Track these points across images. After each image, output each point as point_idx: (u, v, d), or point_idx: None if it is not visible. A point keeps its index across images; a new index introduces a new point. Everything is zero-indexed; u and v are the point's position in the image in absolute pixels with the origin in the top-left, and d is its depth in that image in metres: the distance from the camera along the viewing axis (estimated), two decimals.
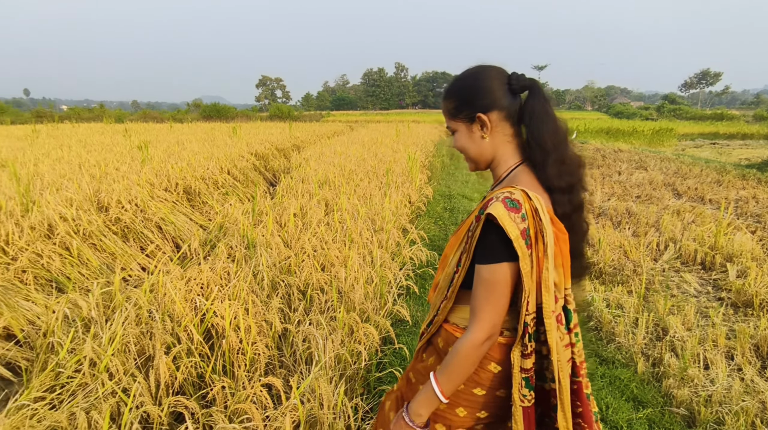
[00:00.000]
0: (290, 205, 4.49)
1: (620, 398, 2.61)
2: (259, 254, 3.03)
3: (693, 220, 6.53)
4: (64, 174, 6.55)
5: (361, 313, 2.70)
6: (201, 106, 49.55)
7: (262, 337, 2.30)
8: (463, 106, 1.16)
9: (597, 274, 4.63)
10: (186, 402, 1.80)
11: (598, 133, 26.13)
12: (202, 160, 7.87)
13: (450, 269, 1.20)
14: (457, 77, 1.20)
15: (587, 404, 1.16)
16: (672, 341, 3.27)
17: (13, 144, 11.75)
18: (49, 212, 4.35)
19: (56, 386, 2.02)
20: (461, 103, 1.17)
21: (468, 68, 1.19)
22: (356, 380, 2.34)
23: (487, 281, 1.06)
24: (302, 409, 1.77)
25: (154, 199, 5.86)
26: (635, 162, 13.13)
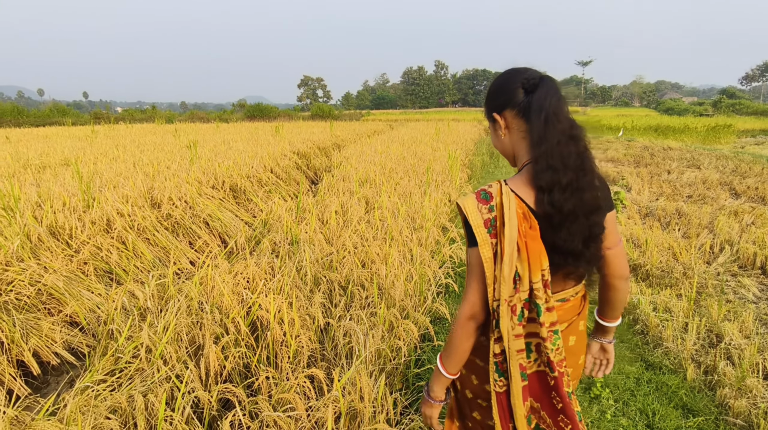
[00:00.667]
0: (332, 203, 4.58)
1: (668, 405, 2.52)
2: (302, 250, 3.11)
3: (752, 221, 6.17)
4: (120, 172, 6.93)
5: (401, 309, 2.73)
6: (245, 107, 51.00)
7: (305, 330, 2.37)
8: (488, 108, 1.25)
9: (643, 276, 4.46)
10: (234, 389, 1.89)
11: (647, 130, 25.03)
12: (247, 159, 8.12)
13: None
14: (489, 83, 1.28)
15: (568, 401, 1.17)
16: (728, 348, 3.12)
17: (74, 144, 12.53)
18: (107, 208, 4.63)
19: (115, 370, 2.17)
20: (487, 104, 1.26)
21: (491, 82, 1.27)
22: (395, 375, 2.37)
23: (467, 263, 1.17)
24: (343, 401, 1.82)
25: (202, 196, 6.11)
26: (686, 160, 12.51)
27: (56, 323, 3.07)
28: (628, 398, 2.57)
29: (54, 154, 9.86)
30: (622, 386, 2.67)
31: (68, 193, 5.18)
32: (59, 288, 3.45)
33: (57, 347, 2.95)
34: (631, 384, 2.70)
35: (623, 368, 2.87)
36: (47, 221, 4.29)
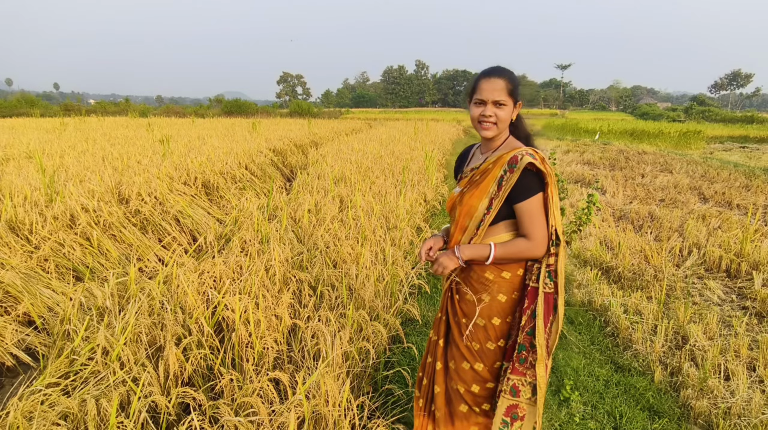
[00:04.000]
0: (305, 201, 4.50)
1: (635, 408, 2.54)
2: (272, 249, 3.04)
3: (719, 225, 6.33)
4: (88, 166, 6.70)
5: (371, 311, 2.69)
6: (223, 102, 50.14)
7: (271, 331, 2.30)
8: (515, 91, 1.61)
9: (615, 278, 4.52)
10: (193, 394, 1.81)
11: (622, 134, 25.56)
12: (221, 155, 7.96)
13: (479, 213, 1.61)
14: (508, 69, 1.63)
15: None
16: (692, 350, 3.17)
17: (41, 136, 12.08)
18: (71, 203, 4.45)
19: (70, 373, 2.06)
20: (515, 88, 1.60)
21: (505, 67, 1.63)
22: (363, 378, 2.33)
23: (532, 208, 1.55)
24: (307, 405, 1.77)
25: (173, 192, 5.95)
26: (660, 165, 12.81)
27: (9, 322, 2.92)
28: (597, 400, 2.58)
29: (19, 146, 9.49)
30: (592, 389, 2.68)
31: (31, 187, 4.97)
32: (16, 285, 3.30)
33: (11, 348, 2.81)
34: (600, 387, 2.72)
35: (593, 371, 2.89)
36: (6, 216, 4.10)
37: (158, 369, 1.94)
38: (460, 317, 1.71)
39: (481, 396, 1.70)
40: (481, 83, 1.60)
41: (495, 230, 1.63)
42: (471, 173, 1.71)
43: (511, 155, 1.57)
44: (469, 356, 1.69)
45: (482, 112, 1.60)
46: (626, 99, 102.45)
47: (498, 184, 1.58)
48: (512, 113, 1.63)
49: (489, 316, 1.65)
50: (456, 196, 1.74)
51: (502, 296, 1.64)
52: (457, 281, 1.72)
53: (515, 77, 1.62)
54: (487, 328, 1.66)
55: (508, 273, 1.63)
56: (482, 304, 1.65)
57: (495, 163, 1.61)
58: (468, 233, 1.65)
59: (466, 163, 1.84)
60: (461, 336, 1.70)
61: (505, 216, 1.61)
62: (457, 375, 1.71)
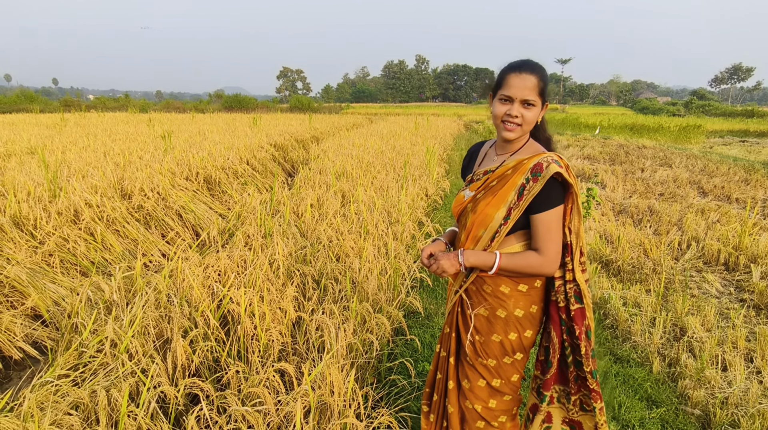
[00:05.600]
0: (307, 196, 4.54)
1: (633, 397, 2.59)
2: (275, 243, 3.07)
3: (718, 219, 6.37)
4: (90, 162, 6.72)
5: (374, 303, 2.73)
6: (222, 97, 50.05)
7: (276, 324, 2.34)
8: (545, 90, 1.49)
9: (615, 271, 4.57)
10: (201, 384, 1.85)
11: (622, 128, 25.55)
12: (222, 151, 7.98)
13: (495, 223, 1.48)
14: (540, 64, 1.50)
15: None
16: (690, 341, 3.22)
17: (42, 132, 12.10)
18: (75, 199, 4.49)
19: (79, 365, 2.10)
20: (545, 87, 1.49)
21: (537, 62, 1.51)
22: (367, 369, 2.37)
23: (550, 221, 1.43)
24: (313, 395, 1.81)
25: (175, 187, 5.98)
26: (660, 159, 12.83)
27: (17, 316, 2.96)
28: None
29: (20, 142, 9.51)
30: None
31: (34, 183, 5.00)
32: (22, 280, 3.33)
33: (19, 342, 2.85)
34: (599, 377, 2.76)
35: None
36: (11, 211, 4.14)
37: (166, 361, 1.98)
38: (473, 334, 1.60)
39: (499, 409, 1.63)
40: (510, 78, 1.44)
41: (507, 241, 1.51)
42: (485, 177, 1.55)
43: (535, 161, 1.43)
44: (486, 374, 1.60)
45: (508, 110, 1.45)
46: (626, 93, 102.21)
47: (519, 193, 1.43)
48: (539, 115, 1.50)
49: (505, 331, 1.55)
50: (467, 202, 1.58)
51: (519, 311, 1.53)
52: (467, 294, 1.61)
53: (547, 75, 1.49)
54: (504, 343, 1.56)
55: (524, 286, 1.52)
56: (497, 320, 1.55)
57: (515, 169, 1.47)
58: (481, 243, 1.52)
59: (477, 163, 1.69)
60: (476, 355, 1.60)
61: (520, 226, 1.48)
62: (472, 394, 1.62)
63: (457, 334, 1.68)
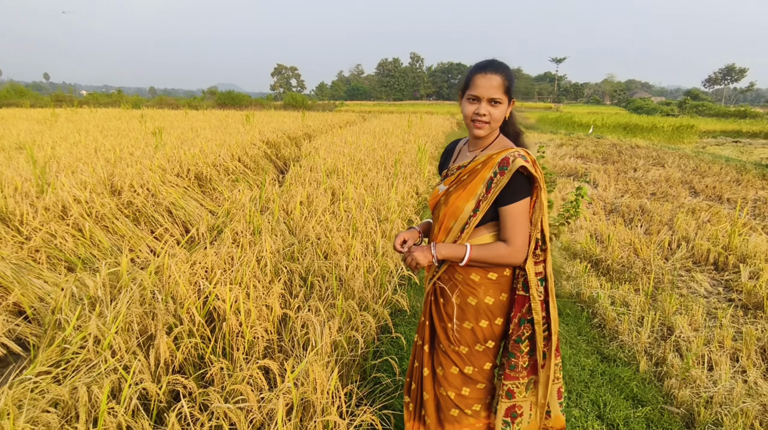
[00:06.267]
0: (297, 193, 4.52)
1: (619, 396, 2.60)
2: (263, 240, 3.06)
3: (708, 219, 6.41)
4: (80, 158, 6.66)
5: (360, 301, 2.72)
6: (216, 94, 49.78)
7: (262, 321, 2.33)
8: (511, 88, 1.54)
9: (604, 271, 4.58)
10: (184, 381, 1.84)
11: (616, 128, 25.67)
12: (214, 147, 7.93)
13: (464, 215, 1.55)
14: (505, 64, 1.55)
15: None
16: (677, 341, 3.23)
17: (32, 127, 11.97)
18: (63, 194, 4.44)
19: (62, 362, 2.08)
20: (511, 85, 1.53)
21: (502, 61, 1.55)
22: (352, 366, 2.36)
23: (516, 213, 1.50)
24: (296, 392, 1.80)
25: (166, 184, 5.94)
26: (652, 159, 12.90)
27: (0, 311, 2.93)
28: (581, 389, 2.63)
29: (9, 137, 9.41)
30: (577, 378, 2.74)
31: (21, 178, 4.95)
32: (7, 276, 3.30)
33: (1, 337, 2.82)
34: (585, 376, 2.77)
35: (579, 361, 2.94)
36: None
37: (149, 357, 1.97)
38: (446, 321, 1.66)
39: (472, 397, 1.68)
40: (476, 78, 1.51)
41: (478, 232, 1.58)
42: (458, 172, 1.62)
43: (503, 156, 1.51)
44: (458, 361, 1.65)
45: (476, 110, 1.52)
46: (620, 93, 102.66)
47: (487, 186, 1.51)
48: (506, 111, 1.56)
49: (476, 318, 1.61)
50: (440, 195, 1.67)
51: (489, 299, 1.60)
52: (440, 284, 1.67)
53: (512, 73, 1.54)
54: (475, 330, 1.62)
55: (494, 274, 1.59)
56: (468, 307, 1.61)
57: (485, 164, 1.54)
58: (452, 234, 1.59)
59: (453, 160, 1.76)
60: (449, 341, 1.66)
61: (490, 218, 1.56)
62: (446, 381, 1.68)
63: (431, 322, 1.75)
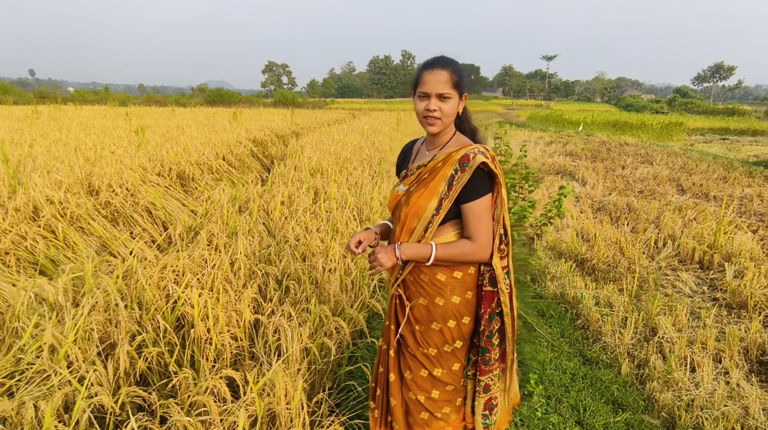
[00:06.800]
0: (278, 192, 4.42)
1: (599, 400, 2.55)
2: (238, 242, 2.96)
3: (695, 217, 6.41)
4: (58, 156, 6.50)
5: (336, 304, 2.64)
6: (205, 91, 49.31)
7: (231, 327, 2.25)
8: (461, 83, 1.52)
9: (589, 270, 4.54)
10: (141, 393, 1.75)
11: (605, 125, 25.78)
12: (198, 146, 7.80)
13: (427, 214, 1.53)
14: (453, 60, 1.54)
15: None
16: (660, 342, 3.19)
17: (12, 125, 11.71)
18: (35, 195, 4.31)
19: (16, 373, 1.98)
20: (460, 79, 1.52)
21: (448, 56, 1.55)
22: (326, 373, 2.29)
23: (479, 209, 1.49)
24: (260, 403, 1.72)
25: (146, 183, 5.81)
26: (641, 156, 12.94)
27: None
28: (562, 394, 2.58)
29: None
30: (558, 382, 2.68)
31: None
32: None
33: None
34: (566, 380, 2.72)
35: (561, 364, 2.89)
36: None
37: (107, 368, 1.87)
38: (413, 324, 1.63)
39: (442, 400, 1.66)
40: (424, 75, 1.51)
41: (442, 231, 1.56)
42: (418, 171, 1.60)
43: (462, 153, 1.50)
44: (427, 363, 1.63)
45: (426, 106, 1.51)
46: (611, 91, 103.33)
47: (448, 184, 1.50)
48: (458, 106, 1.55)
49: (444, 319, 1.59)
50: (401, 195, 1.64)
51: (456, 298, 1.58)
52: (405, 285, 1.64)
53: (460, 68, 1.54)
54: (443, 331, 1.60)
55: (459, 272, 1.57)
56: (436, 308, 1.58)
57: (445, 162, 1.53)
58: (415, 234, 1.57)
59: (411, 160, 1.74)
60: (417, 344, 1.63)
61: (453, 216, 1.55)
62: (415, 385, 1.65)
63: (397, 326, 1.69)
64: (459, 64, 1.55)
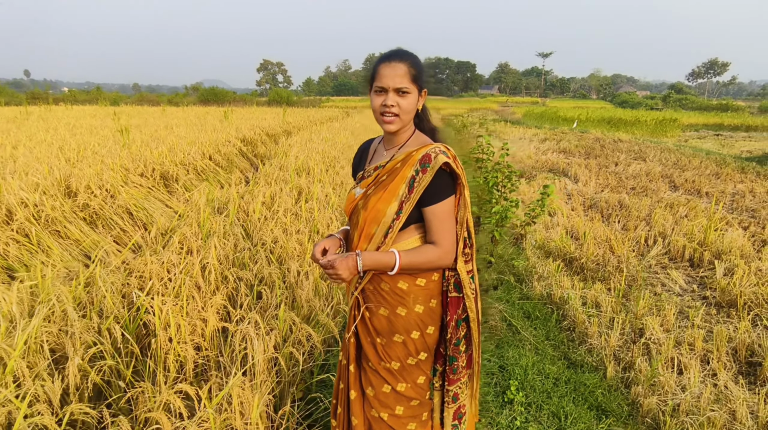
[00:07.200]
0: (259, 193, 4.31)
1: (582, 406, 2.46)
2: (211, 246, 2.86)
3: (686, 214, 6.33)
4: (40, 157, 6.37)
5: (310, 310, 2.54)
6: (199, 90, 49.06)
7: (195, 336, 2.15)
8: (420, 77, 1.42)
9: (578, 269, 4.46)
10: (90, 410, 1.65)
11: (600, 122, 25.71)
12: (184, 145, 7.67)
13: (387, 218, 1.42)
14: (411, 53, 1.45)
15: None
16: (647, 343, 3.11)
17: (0, 126, 11.55)
18: (8, 197, 4.19)
19: None
20: (420, 74, 1.42)
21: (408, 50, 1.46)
22: (295, 382, 2.19)
23: (443, 212, 1.40)
24: (216, 419, 1.62)
25: (128, 184, 5.69)
26: (634, 152, 12.88)
27: None
28: (543, 400, 2.49)
29: None
30: (540, 388, 2.59)
31: None
32: None
33: None
34: (549, 385, 2.62)
35: (544, 368, 2.79)
36: None
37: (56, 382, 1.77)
38: (374, 336, 1.52)
39: (407, 416, 1.55)
40: (381, 68, 1.41)
41: (402, 236, 1.45)
42: (376, 173, 1.49)
43: (423, 153, 1.40)
44: (390, 378, 1.51)
45: (383, 101, 1.40)
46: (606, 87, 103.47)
47: (409, 186, 1.40)
48: (417, 103, 1.45)
49: (407, 330, 1.48)
50: (358, 199, 1.52)
51: (419, 307, 1.47)
52: (364, 294, 1.53)
53: (419, 61, 1.44)
54: (407, 343, 1.50)
55: (422, 280, 1.47)
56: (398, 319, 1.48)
57: (404, 162, 1.43)
58: (375, 241, 1.45)
59: (368, 160, 1.61)
60: (378, 358, 1.51)
61: (415, 220, 1.44)
62: (378, 402, 1.53)
63: (357, 339, 1.59)
64: (417, 57, 1.45)
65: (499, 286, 3.97)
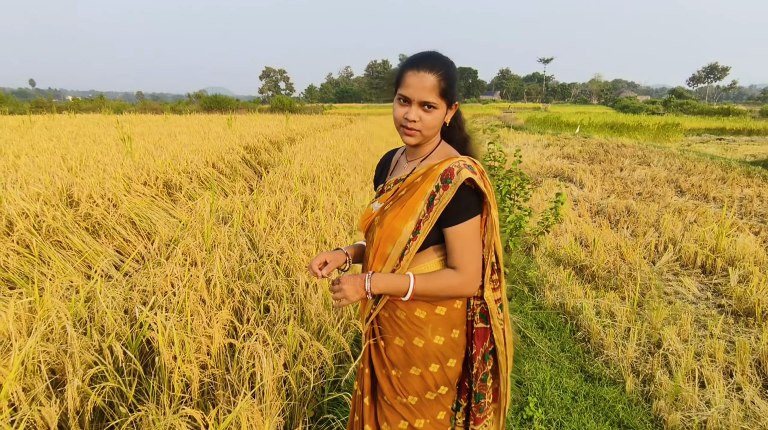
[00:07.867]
0: (264, 202, 4.24)
1: (604, 423, 2.36)
2: (216, 258, 2.78)
3: (695, 219, 6.24)
4: (42, 166, 6.32)
5: (319, 325, 2.45)
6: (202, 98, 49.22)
7: (200, 354, 2.06)
8: (450, 91, 1.26)
9: (589, 277, 4.36)
10: None
11: (602, 127, 25.64)
12: (187, 153, 7.61)
13: (403, 238, 1.27)
14: (445, 60, 1.27)
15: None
16: (666, 354, 3.01)
17: (4, 135, 11.52)
18: (9, 208, 4.12)
19: None
20: (451, 87, 1.26)
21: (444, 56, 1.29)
22: (306, 402, 2.10)
23: (466, 234, 1.25)
24: None
25: (131, 193, 5.62)
26: (638, 158, 12.79)
27: None
28: (563, 416, 2.39)
29: None
30: (559, 404, 2.49)
31: None
32: None
33: None
34: (567, 400, 2.52)
35: (561, 382, 2.69)
36: None
37: (53, 406, 1.68)
38: (389, 368, 1.38)
39: None
40: (408, 76, 1.24)
41: (421, 258, 1.31)
42: (396, 187, 1.35)
43: (446, 167, 1.25)
44: (406, 414, 1.38)
45: (406, 114, 1.25)
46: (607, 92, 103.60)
47: (428, 203, 1.25)
48: (445, 117, 1.29)
49: (425, 363, 1.35)
50: (374, 215, 1.39)
51: (438, 338, 1.33)
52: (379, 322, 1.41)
53: (452, 71, 1.26)
54: (424, 376, 1.35)
55: (443, 308, 1.33)
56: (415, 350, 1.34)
57: (425, 176, 1.28)
58: (389, 262, 1.30)
59: (389, 172, 1.48)
60: (394, 392, 1.38)
61: (435, 240, 1.30)
62: None
63: (372, 370, 1.45)
64: (452, 66, 1.28)
65: (513, 297, 3.87)
